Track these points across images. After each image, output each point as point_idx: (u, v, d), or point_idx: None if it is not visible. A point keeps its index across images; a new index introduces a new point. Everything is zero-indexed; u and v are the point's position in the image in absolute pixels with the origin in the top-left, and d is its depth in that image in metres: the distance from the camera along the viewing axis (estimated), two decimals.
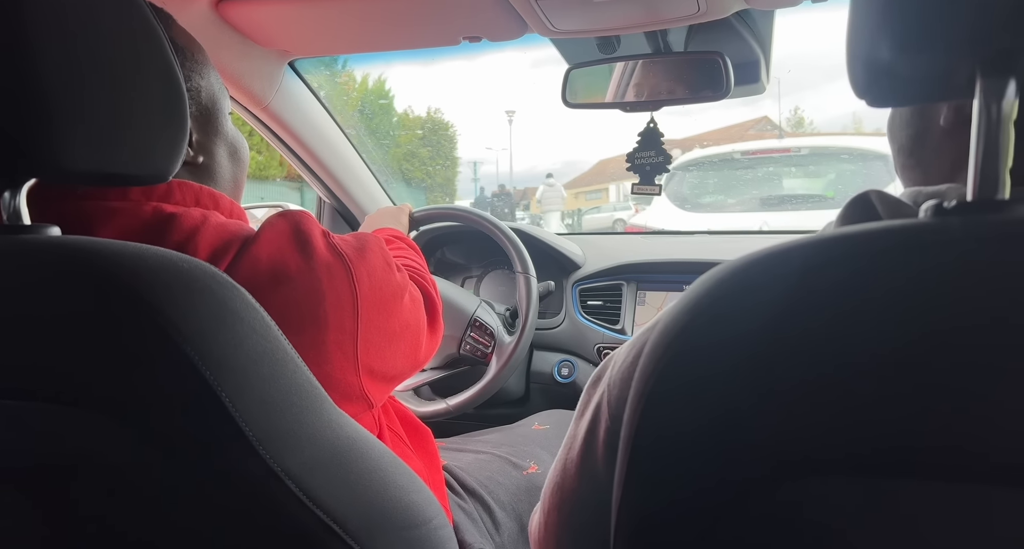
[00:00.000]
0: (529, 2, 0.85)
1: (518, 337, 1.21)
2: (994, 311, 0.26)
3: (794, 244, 0.31)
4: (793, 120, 16.09)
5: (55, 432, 0.38)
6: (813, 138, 4.81)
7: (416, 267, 0.81)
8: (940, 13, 0.28)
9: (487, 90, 39.38)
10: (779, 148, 4.34)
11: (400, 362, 0.64)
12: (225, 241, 0.53)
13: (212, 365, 0.37)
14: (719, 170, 4.35)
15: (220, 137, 0.63)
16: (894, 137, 0.49)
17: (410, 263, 0.81)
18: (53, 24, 0.39)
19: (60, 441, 0.38)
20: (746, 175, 4.25)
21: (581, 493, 0.44)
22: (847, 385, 0.27)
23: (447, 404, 1.22)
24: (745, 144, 4.61)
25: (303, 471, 0.41)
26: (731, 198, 4.28)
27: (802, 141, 4.67)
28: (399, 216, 1.12)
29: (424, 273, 0.80)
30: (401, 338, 0.64)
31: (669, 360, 0.31)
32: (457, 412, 1.21)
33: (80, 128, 0.41)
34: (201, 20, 0.92)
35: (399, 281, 0.64)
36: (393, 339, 0.62)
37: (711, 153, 4.48)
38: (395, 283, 0.63)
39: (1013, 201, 0.29)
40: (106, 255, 0.38)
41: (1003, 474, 0.25)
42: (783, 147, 4.37)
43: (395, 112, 14.07)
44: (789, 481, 0.28)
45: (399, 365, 0.64)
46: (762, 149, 4.27)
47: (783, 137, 13.67)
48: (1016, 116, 0.29)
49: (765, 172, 4.21)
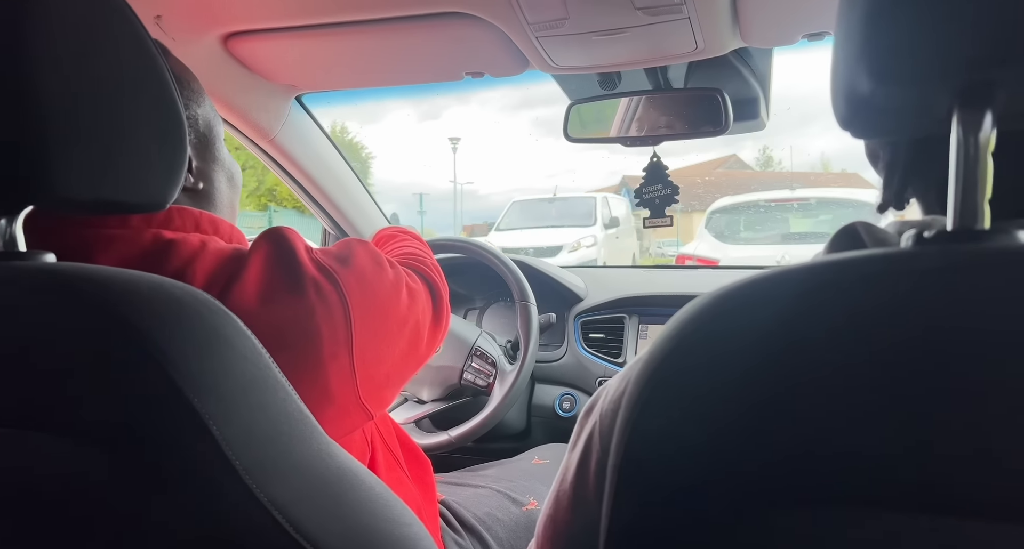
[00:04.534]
0: (531, 39, 0.87)
1: (520, 365, 1.20)
2: (968, 337, 0.26)
3: (780, 271, 0.31)
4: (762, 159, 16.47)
5: (41, 459, 0.37)
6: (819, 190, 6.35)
7: (418, 255, 0.79)
8: (916, 46, 0.29)
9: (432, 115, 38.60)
10: (795, 197, 5.80)
11: (400, 361, 0.64)
12: (221, 266, 0.53)
13: (200, 392, 0.37)
14: (747, 213, 5.85)
15: (218, 164, 0.64)
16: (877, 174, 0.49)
17: (412, 251, 0.80)
18: (52, 52, 0.40)
19: (45, 468, 0.37)
20: (768, 217, 5.79)
21: (573, 525, 0.44)
22: (828, 408, 0.27)
23: (449, 435, 1.20)
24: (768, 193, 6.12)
25: (290, 502, 0.40)
26: (758, 234, 5.69)
27: (811, 192, 6.12)
28: None
29: (427, 260, 0.78)
30: (399, 335, 0.63)
31: (656, 384, 0.31)
32: (460, 443, 1.20)
33: (78, 156, 0.41)
34: (210, 55, 0.94)
35: (392, 277, 0.64)
36: (391, 339, 0.62)
37: (740, 200, 5.99)
38: (388, 280, 0.63)
39: (992, 231, 0.29)
40: (97, 281, 0.39)
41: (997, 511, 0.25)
42: (797, 197, 5.81)
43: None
44: (776, 508, 0.28)
45: (399, 364, 0.64)
46: (781, 198, 5.79)
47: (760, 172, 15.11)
48: (993, 148, 0.29)
49: (783, 216, 5.73)
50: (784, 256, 4.60)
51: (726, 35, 0.85)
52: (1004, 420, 0.25)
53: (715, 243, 5.47)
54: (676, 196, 1.08)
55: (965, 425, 0.25)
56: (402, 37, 0.90)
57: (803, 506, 0.27)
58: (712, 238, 5.55)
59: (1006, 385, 0.25)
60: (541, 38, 0.86)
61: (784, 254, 4.73)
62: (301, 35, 0.90)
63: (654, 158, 1.11)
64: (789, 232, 5.53)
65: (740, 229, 5.71)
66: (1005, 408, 0.25)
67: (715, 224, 5.69)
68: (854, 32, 0.31)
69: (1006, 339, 0.25)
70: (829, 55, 0.35)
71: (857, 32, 0.31)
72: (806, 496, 0.27)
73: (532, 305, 1.23)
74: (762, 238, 5.60)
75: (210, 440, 0.37)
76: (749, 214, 5.85)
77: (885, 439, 0.26)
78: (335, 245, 0.62)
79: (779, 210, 5.74)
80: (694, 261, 5.31)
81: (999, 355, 0.25)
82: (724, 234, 5.59)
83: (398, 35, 0.89)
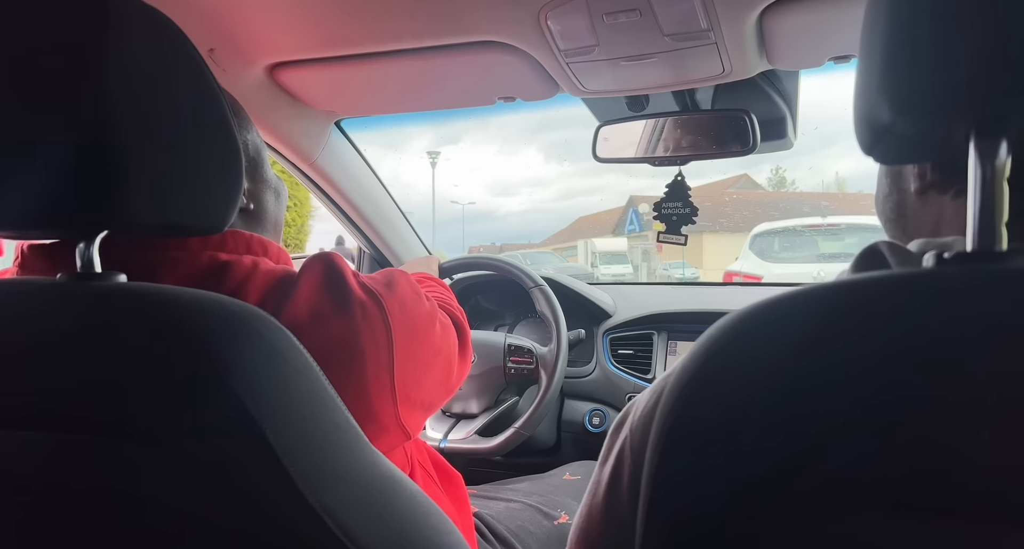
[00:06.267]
0: (561, 65, 0.90)
1: (556, 344, 1.25)
2: (987, 354, 0.27)
3: (806, 289, 0.32)
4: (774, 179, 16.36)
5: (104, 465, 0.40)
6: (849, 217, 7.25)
7: (445, 298, 0.84)
8: (935, 79, 0.30)
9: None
10: (827, 223, 6.83)
11: (435, 387, 0.67)
12: (273, 286, 0.57)
13: (258, 403, 0.40)
14: (786, 236, 7.07)
15: (265, 184, 0.69)
16: (881, 211, 0.50)
17: (439, 296, 0.84)
18: (128, 88, 0.43)
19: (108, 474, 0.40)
20: (804, 240, 6.93)
21: (607, 538, 0.45)
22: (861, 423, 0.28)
23: (515, 427, 1.24)
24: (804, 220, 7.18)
25: (340, 508, 0.42)
26: (795, 254, 6.80)
27: (841, 219, 7.01)
28: (430, 264, 1.17)
29: (453, 303, 0.84)
30: (434, 363, 0.67)
31: (689, 396, 0.33)
32: (528, 432, 1.24)
33: (148, 184, 0.45)
34: (257, 84, 1.00)
35: (428, 309, 0.67)
36: (427, 365, 0.65)
37: (779, 226, 7.18)
38: (425, 311, 0.66)
39: (1010, 252, 0.30)
40: (167, 300, 0.42)
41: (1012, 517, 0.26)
42: (829, 223, 6.84)
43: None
44: (810, 518, 0.29)
45: (434, 390, 0.67)
46: (815, 224, 6.88)
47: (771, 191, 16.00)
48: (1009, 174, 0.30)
49: (816, 239, 6.83)
50: (819, 273, 5.14)
51: (753, 59, 0.87)
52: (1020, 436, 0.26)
53: (758, 261, 6.53)
54: (694, 217, 1.10)
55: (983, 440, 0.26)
56: (437, 65, 0.93)
57: (834, 514, 0.28)
58: (755, 257, 6.64)
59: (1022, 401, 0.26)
60: (571, 64, 0.89)
61: (820, 271, 5.36)
62: (341, 65, 0.95)
63: (679, 176, 1.12)
64: (821, 253, 6.59)
65: (776, 250, 6.86)
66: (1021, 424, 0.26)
67: (757, 245, 6.85)
68: (874, 64, 0.33)
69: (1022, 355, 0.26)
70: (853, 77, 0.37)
71: (877, 64, 0.32)
72: (838, 505, 0.28)
73: (545, 286, 1.29)
74: (798, 257, 6.70)
75: (267, 448, 0.39)
76: (784, 237, 7.04)
77: (907, 451, 0.27)
78: (378, 273, 0.65)
79: (813, 234, 6.87)
80: (740, 277, 6.21)
81: (1017, 372, 0.26)
82: (765, 254, 6.72)
83: (434, 63, 0.93)
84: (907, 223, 0.47)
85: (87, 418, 0.41)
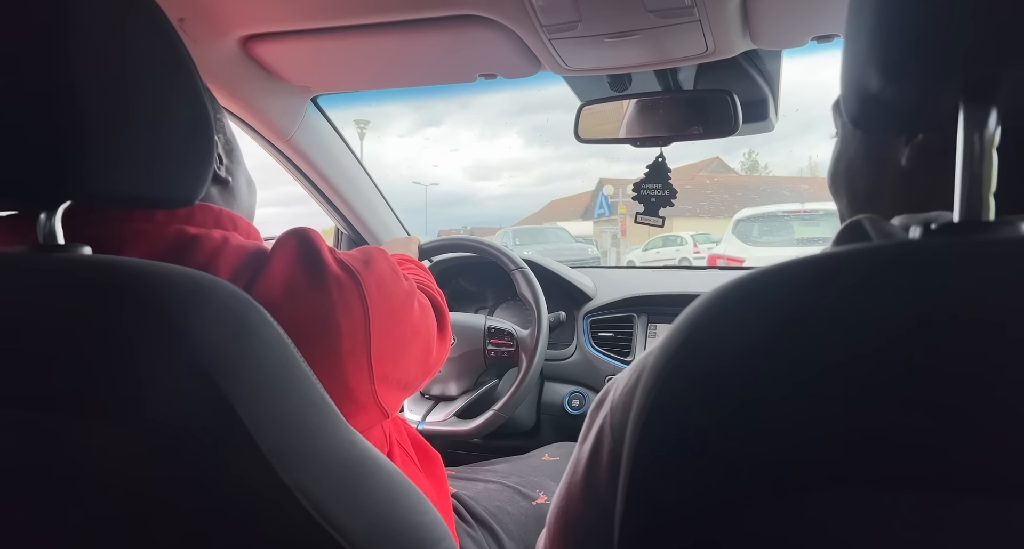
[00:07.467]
0: (543, 42, 0.88)
1: (536, 326, 1.25)
2: (977, 324, 0.26)
3: (790, 262, 0.32)
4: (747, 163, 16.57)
5: (67, 442, 0.39)
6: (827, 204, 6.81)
7: (424, 281, 0.83)
8: (925, 42, 0.30)
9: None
10: (806, 209, 7.14)
11: (413, 367, 0.66)
12: (244, 261, 0.55)
13: (227, 377, 0.39)
14: (767, 221, 7.30)
15: (241, 168, 0.68)
16: (851, 187, 0.49)
17: (418, 277, 0.83)
18: (87, 53, 0.42)
19: (71, 451, 0.39)
20: (783, 225, 7.21)
21: (585, 517, 0.45)
22: (846, 393, 0.28)
23: (493, 410, 1.23)
24: (784, 205, 7.56)
25: (315, 487, 0.41)
26: (775, 238, 7.06)
27: (820, 205, 7.13)
28: (409, 246, 1.15)
29: (432, 285, 0.82)
30: (412, 342, 0.66)
31: (671, 372, 0.32)
32: (507, 415, 1.24)
33: (113, 153, 0.43)
34: (231, 57, 0.97)
35: (407, 288, 0.66)
36: (405, 344, 0.64)
37: (761, 212, 7.46)
38: (403, 290, 0.65)
39: (997, 223, 0.30)
40: (133, 272, 0.40)
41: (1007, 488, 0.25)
42: (807, 209, 7.14)
43: None
44: (792, 493, 0.29)
45: (412, 370, 0.66)
46: (795, 210, 7.20)
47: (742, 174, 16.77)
48: (998, 143, 0.30)
49: (796, 224, 7.10)
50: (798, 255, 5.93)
51: (736, 37, 0.86)
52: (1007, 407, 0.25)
53: (741, 245, 6.85)
54: (673, 199, 1.10)
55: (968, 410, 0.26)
56: (416, 39, 0.92)
57: (818, 488, 0.28)
58: (738, 241, 6.97)
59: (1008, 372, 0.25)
60: (554, 40, 0.88)
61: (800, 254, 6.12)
62: (317, 37, 0.92)
63: (659, 158, 1.12)
64: (800, 237, 6.86)
65: (756, 234, 7.11)
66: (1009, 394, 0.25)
67: (739, 230, 7.17)
68: (863, 29, 0.32)
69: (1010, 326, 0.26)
70: (837, 61, 0.36)
71: (866, 29, 0.32)
72: (820, 477, 0.28)
73: (526, 269, 1.28)
74: (777, 241, 6.98)
75: (237, 423, 0.38)
76: (764, 222, 7.29)
77: (894, 422, 0.27)
78: (356, 250, 0.64)
79: (792, 219, 7.16)
80: (724, 260, 6.61)
81: (1002, 342, 0.26)
82: (747, 238, 7.03)
83: (412, 37, 0.91)
84: (885, 199, 0.46)
85: (48, 394, 0.39)
